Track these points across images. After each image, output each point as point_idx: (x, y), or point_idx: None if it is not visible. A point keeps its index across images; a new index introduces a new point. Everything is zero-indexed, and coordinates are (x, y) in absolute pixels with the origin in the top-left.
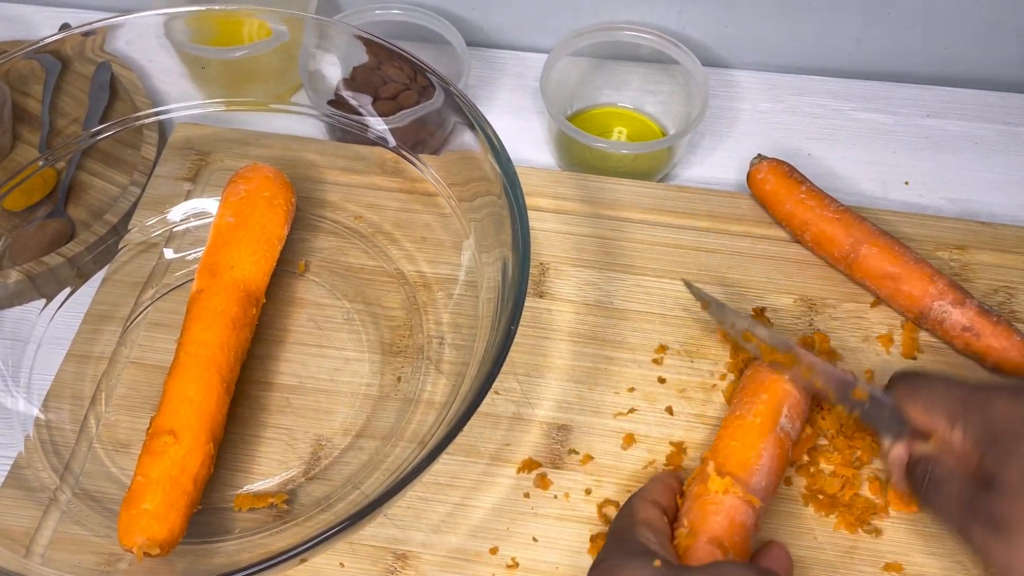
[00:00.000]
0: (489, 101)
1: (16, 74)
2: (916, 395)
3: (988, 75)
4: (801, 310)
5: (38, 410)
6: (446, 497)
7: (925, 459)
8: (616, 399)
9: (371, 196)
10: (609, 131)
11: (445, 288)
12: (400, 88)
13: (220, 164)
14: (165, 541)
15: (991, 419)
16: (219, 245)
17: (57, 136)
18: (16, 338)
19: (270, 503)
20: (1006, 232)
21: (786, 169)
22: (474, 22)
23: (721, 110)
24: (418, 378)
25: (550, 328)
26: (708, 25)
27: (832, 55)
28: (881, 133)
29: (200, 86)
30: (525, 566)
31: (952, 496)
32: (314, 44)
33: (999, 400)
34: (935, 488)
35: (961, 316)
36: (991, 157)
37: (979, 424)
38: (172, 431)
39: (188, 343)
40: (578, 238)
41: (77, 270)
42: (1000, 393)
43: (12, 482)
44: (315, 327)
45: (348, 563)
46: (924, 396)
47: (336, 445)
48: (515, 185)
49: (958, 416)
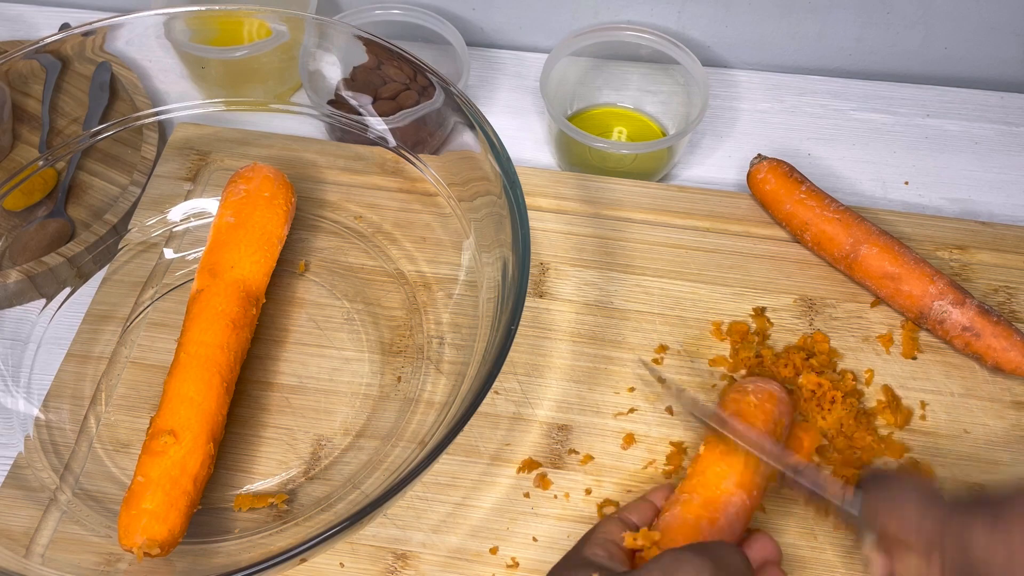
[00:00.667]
0: (489, 101)
1: (16, 74)
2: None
3: (988, 75)
4: (801, 310)
5: (38, 410)
6: (446, 497)
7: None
8: (616, 399)
9: (371, 196)
10: (609, 131)
11: (445, 288)
12: (400, 88)
13: (220, 164)
14: (165, 541)
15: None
16: (219, 245)
17: (57, 136)
18: (16, 338)
19: (270, 503)
20: (1006, 232)
21: (786, 169)
22: (474, 22)
23: (721, 110)
24: (418, 378)
25: (550, 328)
26: (708, 25)
27: (832, 55)
28: (881, 133)
29: (200, 86)
30: (525, 566)
31: None
32: (314, 44)
33: (976, 528)
34: None
35: (961, 316)
36: (991, 157)
37: (957, 557)
38: (172, 431)
39: (188, 343)
40: (578, 238)
41: (77, 270)
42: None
43: (12, 482)
44: (315, 327)
45: (348, 563)
46: (897, 517)
47: (336, 445)
48: (515, 185)
49: (934, 546)
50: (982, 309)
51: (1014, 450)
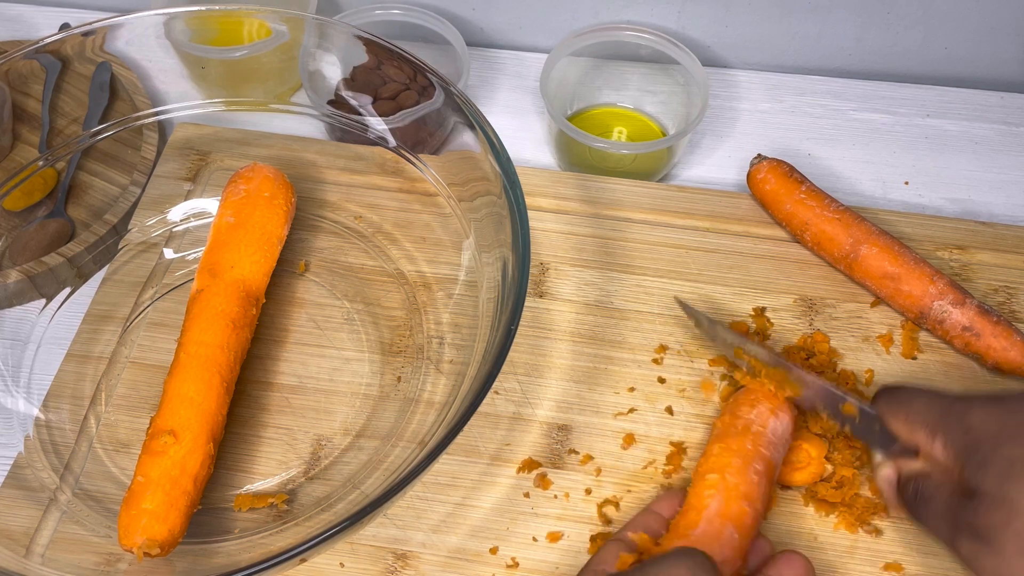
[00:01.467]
0: (489, 101)
1: (16, 74)
2: (898, 409)
3: (988, 75)
4: (801, 310)
5: (38, 410)
6: (446, 497)
7: (913, 476)
8: (616, 399)
9: (371, 196)
10: (609, 131)
11: (445, 288)
12: (400, 88)
13: (220, 164)
14: (165, 541)
15: (968, 429)
16: (219, 245)
17: (57, 136)
18: (16, 338)
19: (270, 503)
20: (1006, 232)
21: (786, 169)
22: (474, 22)
23: (721, 110)
24: (418, 378)
25: (550, 328)
26: (708, 25)
27: (832, 55)
28: (881, 133)
29: (200, 86)
30: (525, 566)
31: (939, 510)
32: (314, 44)
33: (975, 409)
34: (924, 504)
35: (961, 316)
36: (991, 157)
37: (957, 435)
38: (172, 431)
39: (188, 343)
40: (578, 238)
41: (77, 270)
42: (976, 402)
43: (12, 482)
44: (315, 327)
45: (348, 563)
46: (905, 410)
47: (336, 445)
48: (515, 185)
49: (938, 428)
50: (982, 309)
51: None
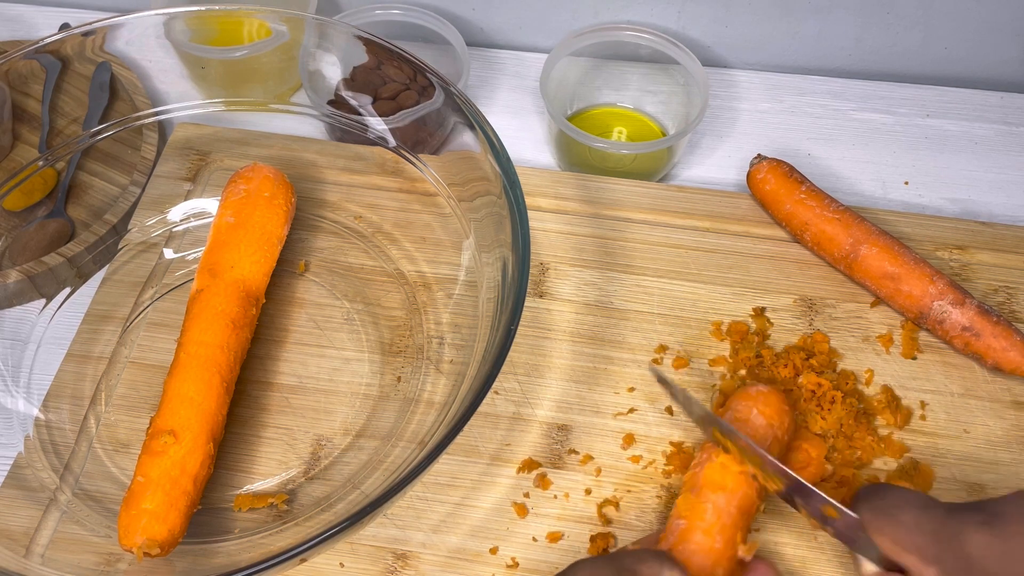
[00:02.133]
0: (489, 101)
1: (16, 74)
2: (884, 524)
3: (988, 75)
4: (801, 310)
5: (38, 410)
6: (446, 497)
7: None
8: (616, 399)
9: (371, 196)
10: (609, 131)
11: (445, 288)
12: (400, 88)
13: (220, 164)
14: (165, 541)
15: (967, 559)
16: (219, 245)
17: (57, 136)
18: (16, 338)
19: (270, 503)
20: (1006, 232)
21: (786, 169)
22: (474, 22)
23: (721, 110)
24: (418, 378)
25: (550, 328)
26: (708, 25)
27: (832, 55)
28: (881, 133)
29: (200, 86)
30: (525, 566)
31: None
32: (314, 44)
33: (971, 533)
34: None
35: (961, 316)
36: (991, 157)
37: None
38: (172, 431)
39: (188, 343)
40: (578, 238)
41: (77, 270)
42: (969, 522)
43: (12, 482)
44: (315, 327)
45: (348, 563)
46: (892, 526)
47: (336, 445)
48: (515, 185)
49: (930, 555)
50: (982, 309)
51: (1014, 450)
